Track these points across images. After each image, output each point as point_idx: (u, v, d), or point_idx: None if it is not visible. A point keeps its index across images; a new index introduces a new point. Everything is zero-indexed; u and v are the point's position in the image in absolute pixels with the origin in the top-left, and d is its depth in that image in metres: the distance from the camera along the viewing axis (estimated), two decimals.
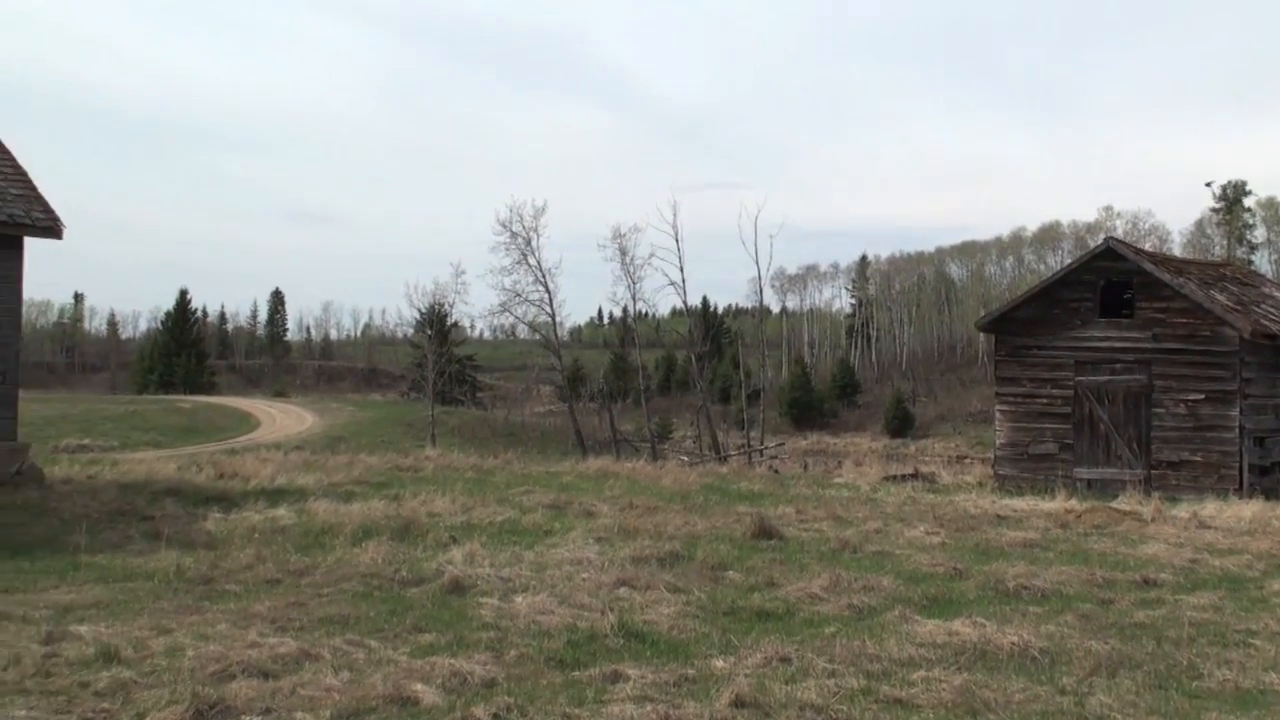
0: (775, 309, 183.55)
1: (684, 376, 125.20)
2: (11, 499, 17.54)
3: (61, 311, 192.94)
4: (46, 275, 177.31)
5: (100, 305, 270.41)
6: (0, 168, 20.31)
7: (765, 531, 16.02)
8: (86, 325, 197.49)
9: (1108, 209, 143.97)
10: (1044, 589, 12.25)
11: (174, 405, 70.28)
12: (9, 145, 21.00)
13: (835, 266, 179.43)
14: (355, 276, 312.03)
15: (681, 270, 66.56)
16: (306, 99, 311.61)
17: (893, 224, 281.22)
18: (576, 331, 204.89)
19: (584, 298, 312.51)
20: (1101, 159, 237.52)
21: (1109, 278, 28.26)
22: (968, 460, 58.53)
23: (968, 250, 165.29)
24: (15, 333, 20.07)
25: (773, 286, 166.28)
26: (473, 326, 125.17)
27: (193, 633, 9.36)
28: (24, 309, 21.23)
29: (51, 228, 19.99)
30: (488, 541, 14.74)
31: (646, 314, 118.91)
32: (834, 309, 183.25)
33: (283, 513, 17.13)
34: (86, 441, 47.89)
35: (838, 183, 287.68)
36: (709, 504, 20.45)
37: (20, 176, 20.39)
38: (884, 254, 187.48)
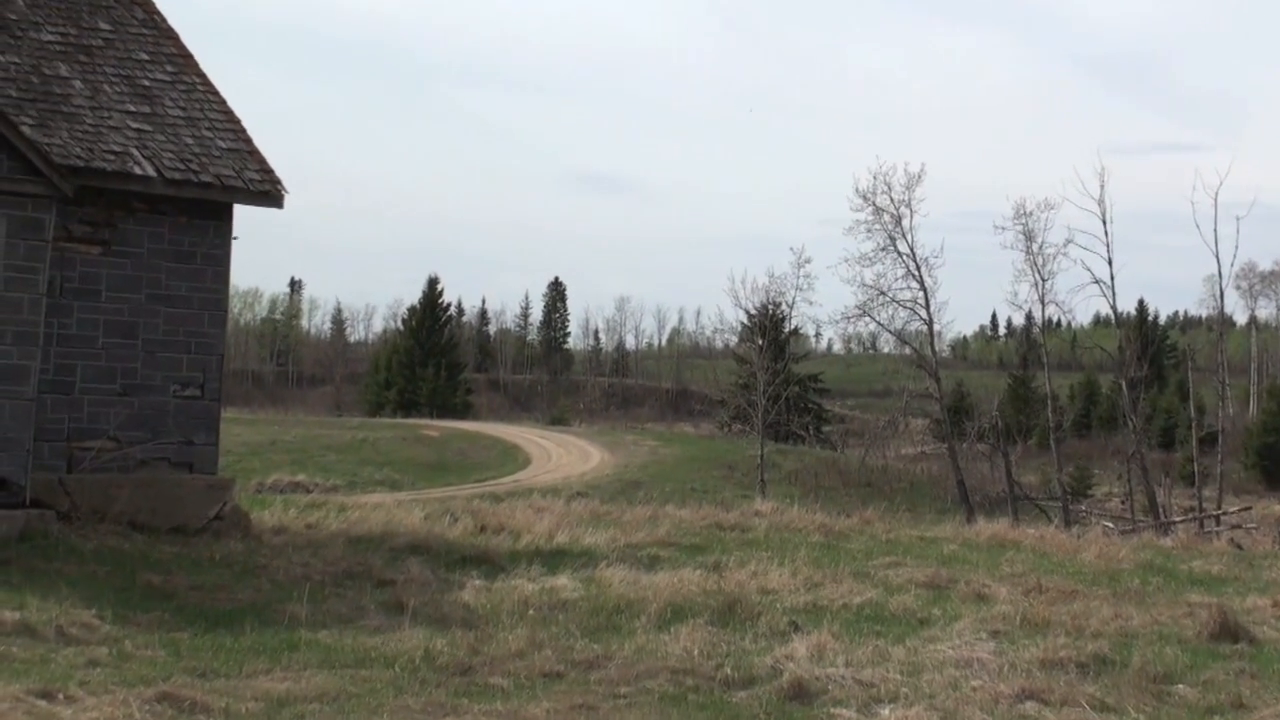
0: (1241, 319, 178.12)
1: (1109, 410, 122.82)
2: (210, 552, 18.22)
3: (273, 304, 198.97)
4: (255, 254, 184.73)
5: (323, 296, 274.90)
6: (206, 114, 20.98)
7: (1228, 631, 15.50)
8: (304, 323, 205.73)
9: None
10: None
11: (418, 432, 73.53)
12: (219, 85, 21.74)
13: None
14: (661, 264, 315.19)
15: (1110, 264, 63.98)
16: (599, 31, 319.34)
17: None
18: (960, 344, 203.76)
19: (971, 298, 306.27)
20: None
21: None
22: None
23: None
24: (220, 331, 20.57)
25: (1238, 288, 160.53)
26: (818, 335, 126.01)
27: None
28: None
29: (269, 193, 20.41)
30: (841, 631, 14.68)
31: (1059, 323, 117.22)
32: None
33: (564, 582, 17.46)
34: (302, 478, 50.72)
35: None
36: (1147, 589, 19.88)
37: (232, 125, 21.00)
38: None
